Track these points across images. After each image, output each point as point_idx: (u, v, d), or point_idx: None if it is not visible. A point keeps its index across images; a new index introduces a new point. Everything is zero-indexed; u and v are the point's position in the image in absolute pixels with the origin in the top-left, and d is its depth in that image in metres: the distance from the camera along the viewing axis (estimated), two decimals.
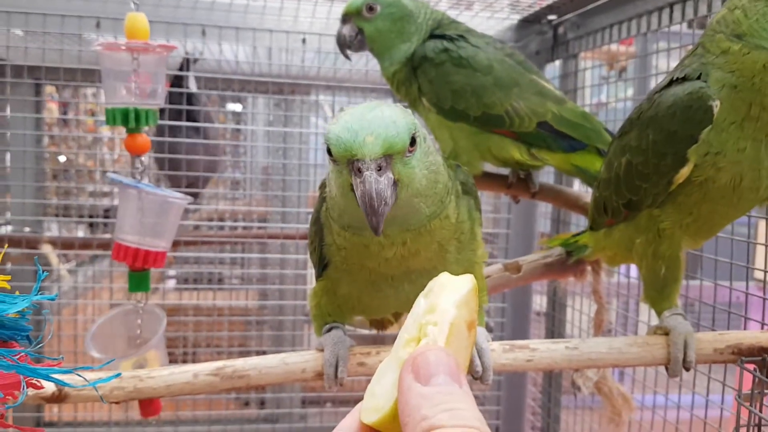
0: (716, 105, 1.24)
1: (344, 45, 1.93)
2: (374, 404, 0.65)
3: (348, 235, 1.19)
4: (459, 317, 0.67)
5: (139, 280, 1.79)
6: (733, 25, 1.20)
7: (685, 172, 1.29)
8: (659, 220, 1.38)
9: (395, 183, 1.04)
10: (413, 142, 1.04)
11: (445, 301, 0.69)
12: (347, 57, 1.99)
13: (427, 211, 1.14)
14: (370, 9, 1.86)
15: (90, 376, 1.24)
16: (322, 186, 1.30)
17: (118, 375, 1.20)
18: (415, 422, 0.56)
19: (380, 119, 1.02)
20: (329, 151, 1.04)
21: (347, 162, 1.02)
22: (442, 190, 1.16)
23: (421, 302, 0.71)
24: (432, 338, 0.66)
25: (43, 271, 0.99)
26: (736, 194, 1.30)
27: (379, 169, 1.01)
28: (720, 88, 1.24)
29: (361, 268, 1.24)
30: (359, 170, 1.00)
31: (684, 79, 1.29)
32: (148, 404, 1.60)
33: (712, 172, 1.29)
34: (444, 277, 0.73)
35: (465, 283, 0.71)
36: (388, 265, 1.21)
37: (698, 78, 1.27)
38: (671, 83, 1.32)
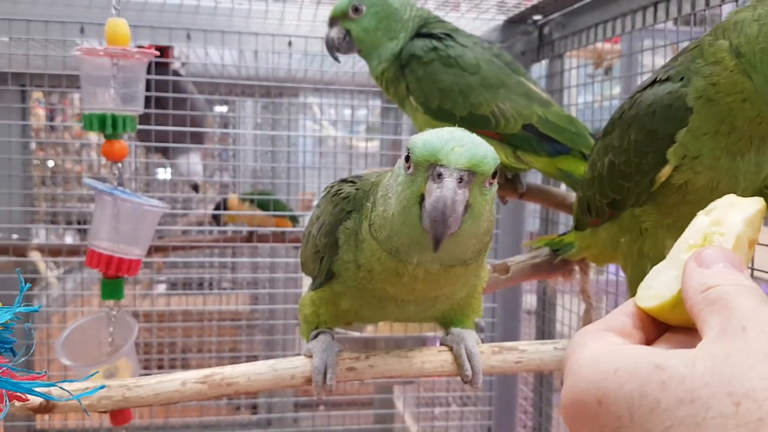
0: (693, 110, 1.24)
1: (333, 48, 1.94)
2: (653, 293, 0.70)
3: (386, 259, 1.14)
4: (744, 233, 0.71)
5: (112, 288, 1.77)
6: (743, 38, 1.16)
7: (666, 171, 1.29)
8: (641, 220, 1.39)
9: (467, 207, 1.00)
10: (494, 174, 1.02)
11: (733, 216, 0.73)
12: (337, 60, 1.99)
13: (469, 255, 1.12)
14: (356, 10, 1.86)
15: (76, 386, 1.23)
16: (340, 198, 1.25)
17: (103, 387, 1.18)
18: (694, 288, 0.63)
19: (470, 138, 1.01)
20: (407, 158, 1.01)
21: (428, 167, 0.99)
22: (486, 244, 1.15)
23: (702, 218, 0.76)
24: (717, 244, 0.70)
25: (28, 282, 0.98)
26: (714, 197, 1.31)
27: (460, 181, 0.97)
28: (697, 97, 1.24)
29: (373, 289, 1.22)
30: (439, 176, 0.97)
31: (667, 80, 1.29)
32: (119, 414, 1.58)
33: (690, 175, 1.29)
34: (731, 197, 0.78)
35: (754, 204, 0.75)
36: (408, 293, 1.20)
37: (680, 80, 1.27)
38: (654, 83, 1.33)
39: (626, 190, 1.37)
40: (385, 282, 1.19)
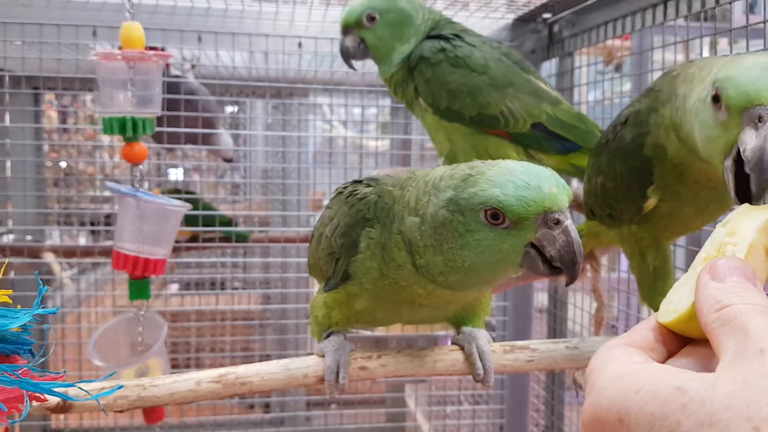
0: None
1: (349, 56, 1.93)
2: (671, 308, 0.72)
3: (430, 285, 1.14)
4: (758, 240, 0.73)
5: (139, 288, 1.80)
6: (673, 110, 1.13)
7: (651, 203, 1.31)
8: (638, 236, 1.41)
9: None
10: None
11: (746, 225, 0.75)
12: (352, 68, 1.98)
13: None
14: (371, 19, 1.85)
15: (93, 386, 1.25)
16: (356, 199, 1.23)
17: (120, 387, 1.20)
18: (708, 306, 0.64)
19: (544, 172, 1.01)
20: (495, 215, 0.99)
21: (536, 218, 0.98)
22: None
23: (719, 230, 0.77)
24: (730, 254, 0.72)
25: (45, 284, 1.00)
26: (706, 215, 1.33)
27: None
28: (651, 155, 1.25)
29: (393, 293, 1.23)
30: (557, 222, 0.98)
31: (641, 114, 1.28)
32: (152, 411, 1.62)
33: (675, 206, 1.30)
34: (744, 207, 0.79)
35: (767, 212, 0.77)
36: (431, 298, 1.21)
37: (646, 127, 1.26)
38: (626, 122, 1.32)
39: (619, 210, 1.39)
40: (412, 292, 1.20)
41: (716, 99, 0.92)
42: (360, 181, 1.29)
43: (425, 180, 1.13)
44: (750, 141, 0.86)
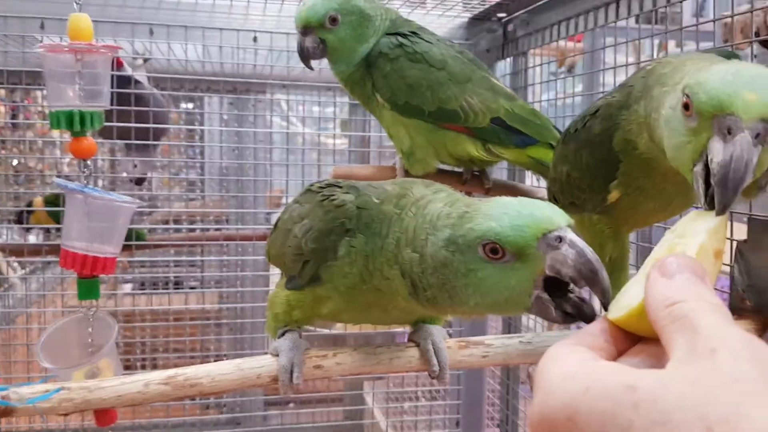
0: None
1: (308, 57, 1.90)
2: (621, 305, 0.73)
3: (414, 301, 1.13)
4: (708, 242, 0.74)
5: (88, 288, 1.76)
6: (648, 105, 1.13)
7: (614, 196, 1.32)
8: (599, 228, 1.42)
9: None
10: None
11: (697, 228, 0.76)
12: (310, 67, 1.95)
13: None
14: (333, 20, 1.82)
15: (37, 389, 1.21)
16: (333, 205, 1.19)
17: (59, 390, 1.17)
18: (658, 303, 0.64)
19: (538, 202, 0.98)
20: (494, 250, 0.95)
21: (540, 243, 0.92)
22: None
23: (669, 236, 0.79)
24: (680, 252, 0.73)
25: None
26: (668, 211, 1.35)
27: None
28: (619, 149, 1.25)
29: (370, 297, 1.21)
30: (560, 238, 0.92)
31: (612, 107, 1.28)
32: (104, 414, 1.57)
33: (640, 199, 1.31)
34: (695, 212, 0.81)
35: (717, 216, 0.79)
36: (409, 305, 1.19)
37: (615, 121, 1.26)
38: (596, 113, 1.32)
39: (582, 199, 1.40)
40: (392, 298, 1.18)
41: (687, 106, 0.92)
42: (339, 186, 1.25)
43: (423, 213, 1.10)
44: (717, 154, 0.85)
